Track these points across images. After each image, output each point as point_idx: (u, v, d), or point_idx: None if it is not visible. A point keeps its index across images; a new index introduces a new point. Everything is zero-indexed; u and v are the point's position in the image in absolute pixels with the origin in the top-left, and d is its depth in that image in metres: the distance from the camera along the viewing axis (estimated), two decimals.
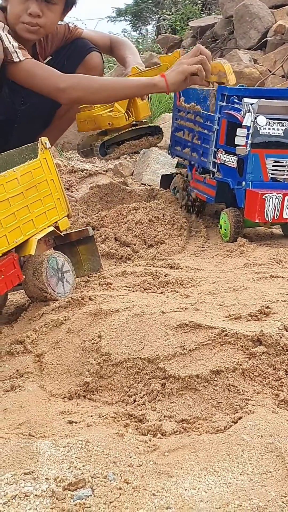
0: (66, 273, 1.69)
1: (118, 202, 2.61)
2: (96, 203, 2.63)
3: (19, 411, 1.25)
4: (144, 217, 2.25)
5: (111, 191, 2.70)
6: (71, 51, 2.80)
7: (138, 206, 2.32)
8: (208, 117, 2.36)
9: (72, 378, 1.38)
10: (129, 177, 3.52)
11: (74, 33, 2.80)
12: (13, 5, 2.41)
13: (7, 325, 1.65)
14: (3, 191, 1.53)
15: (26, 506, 0.91)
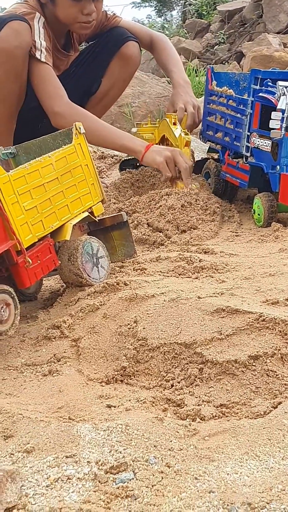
0: (101, 258, 1.69)
1: (150, 188, 2.60)
2: (128, 189, 2.62)
3: (58, 395, 1.25)
4: (176, 203, 2.23)
5: (142, 177, 2.68)
6: (108, 39, 2.79)
7: (170, 191, 2.30)
8: (241, 100, 2.34)
9: (109, 363, 1.38)
10: None
11: (111, 21, 2.79)
12: (65, 8, 2.45)
13: (43, 310, 1.65)
14: (39, 176, 1.54)
15: (69, 489, 0.91)
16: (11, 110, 2.51)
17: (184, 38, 8.83)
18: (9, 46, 2.33)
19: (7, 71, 2.37)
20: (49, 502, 0.88)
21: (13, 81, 2.42)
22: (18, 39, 2.34)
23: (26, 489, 0.91)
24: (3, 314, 1.39)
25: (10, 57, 2.36)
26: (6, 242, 1.41)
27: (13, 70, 2.38)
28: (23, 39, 2.35)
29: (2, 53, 2.35)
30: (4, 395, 1.26)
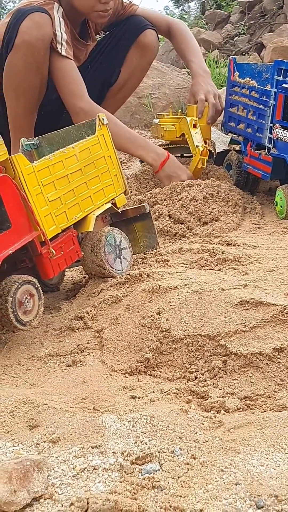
0: (124, 249, 1.69)
1: None
2: (149, 180, 2.61)
3: (82, 385, 1.26)
4: (198, 194, 2.23)
5: None
6: (125, 28, 2.77)
7: (192, 183, 2.29)
8: (264, 92, 2.32)
9: (132, 354, 1.38)
10: None
11: (128, 10, 2.78)
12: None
13: (66, 301, 1.66)
14: (62, 167, 1.54)
15: (95, 479, 0.92)
16: (32, 103, 2.51)
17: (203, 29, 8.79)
18: (30, 39, 2.33)
19: (29, 63, 2.37)
20: (75, 492, 0.88)
21: (34, 74, 2.42)
22: (40, 32, 2.34)
23: (53, 479, 0.92)
24: (27, 305, 1.39)
25: (31, 50, 2.36)
26: (30, 233, 1.42)
27: (34, 63, 2.37)
28: (45, 32, 2.35)
29: (24, 46, 2.34)
30: (28, 385, 1.27)
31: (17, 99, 2.46)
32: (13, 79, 2.41)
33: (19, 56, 2.35)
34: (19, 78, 2.39)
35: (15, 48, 2.35)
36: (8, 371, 1.33)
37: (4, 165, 1.39)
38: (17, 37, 2.33)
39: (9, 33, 2.37)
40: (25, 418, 1.09)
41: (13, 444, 1.02)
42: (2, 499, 0.83)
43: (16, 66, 2.38)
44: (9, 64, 2.39)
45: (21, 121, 2.50)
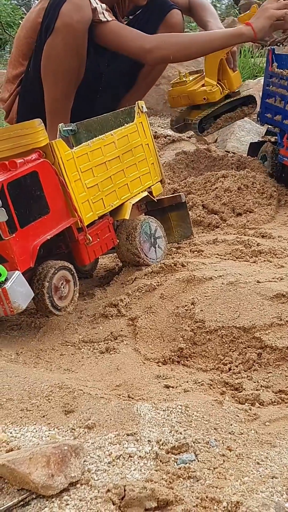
0: (159, 238, 1.68)
1: (204, 169, 2.58)
2: (182, 169, 2.60)
3: (116, 372, 1.26)
4: (233, 185, 2.21)
5: (197, 158, 2.67)
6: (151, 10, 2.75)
7: (226, 173, 2.28)
8: None
9: (165, 343, 1.38)
10: (213, 144, 3.47)
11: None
12: None
13: (99, 288, 1.66)
14: (101, 154, 1.54)
15: (130, 466, 0.92)
16: (70, 87, 2.50)
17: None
18: (70, 21, 2.32)
19: (69, 46, 2.36)
20: (111, 479, 0.88)
21: (74, 57, 2.41)
22: (80, 14, 2.33)
23: (88, 465, 0.92)
24: (63, 290, 1.40)
25: (71, 32, 2.35)
26: (68, 219, 1.42)
27: (74, 46, 2.37)
28: (85, 14, 2.34)
29: (63, 29, 2.34)
30: (62, 370, 1.28)
31: (55, 82, 2.46)
32: (52, 63, 2.41)
33: (59, 39, 2.35)
34: (59, 61, 2.39)
35: (56, 31, 2.34)
36: (42, 355, 1.34)
37: (44, 150, 1.39)
38: (57, 20, 2.33)
39: (49, 17, 2.36)
40: (60, 403, 1.09)
41: (48, 428, 1.03)
42: (40, 482, 0.83)
43: (56, 49, 2.37)
44: (48, 48, 2.39)
45: (58, 105, 2.50)
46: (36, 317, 1.50)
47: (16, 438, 1.00)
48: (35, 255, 1.32)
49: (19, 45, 2.55)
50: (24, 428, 1.02)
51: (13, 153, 1.39)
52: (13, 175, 1.29)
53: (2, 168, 1.30)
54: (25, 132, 1.37)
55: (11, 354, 1.31)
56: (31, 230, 1.33)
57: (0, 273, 1.24)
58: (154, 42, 2.39)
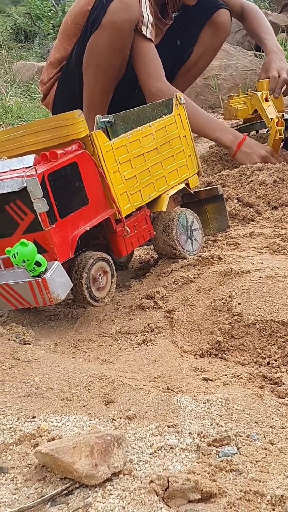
0: (195, 231, 1.68)
1: None
2: (216, 162, 2.59)
3: (153, 364, 1.26)
4: (268, 178, 2.19)
5: None
6: (199, 7, 2.74)
7: (262, 166, 2.26)
8: None
9: (202, 336, 1.38)
10: None
11: None
12: None
13: (135, 279, 1.66)
14: (139, 146, 1.53)
15: (172, 458, 0.92)
16: (110, 83, 2.51)
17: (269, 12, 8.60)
18: (118, 19, 2.32)
19: (113, 44, 2.37)
20: (154, 470, 0.88)
21: (117, 55, 2.41)
22: (128, 14, 2.33)
23: (130, 455, 0.92)
24: (100, 281, 1.40)
25: (117, 31, 2.35)
26: (106, 210, 1.42)
27: (118, 44, 2.37)
28: (133, 14, 2.34)
29: (110, 26, 2.34)
30: (100, 361, 1.28)
31: (96, 77, 2.46)
32: (94, 58, 2.41)
33: (104, 35, 2.35)
34: (101, 58, 2.40)
35: (101, 28, 2.35)
36: (80, 346, 1.34)
37: (83, 141, 1.39)
38: (104, 17, 2.33)
39: (96, 12, 2.37)
40: (100, 393, 1.10)
41: (89, 418, 1.03)
42: (84, 472, 0.84)
43: (99, 45, 2.38)
44: (92, 43, 2.39)
45: (97, 99, 2.51)
46: (73, 307, 1.50)
47: (57, 428, 1.00)
48: (74, 246, 1.33)
49: (66, 30, 2.56)
50: (65, 418, 1.03)
51: (53, 144, 1.40)
52: (54, 166, 1.29)
53: (43, 159, 1.31)
54: (65, 123, 1.38)
55: (49, 344, 1.32)
56: (71, 220, 1.33)
57: (40, 263, 1.25)
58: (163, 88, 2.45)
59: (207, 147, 2.79)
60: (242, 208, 2.13)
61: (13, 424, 1.01)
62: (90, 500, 0.82)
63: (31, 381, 1.13)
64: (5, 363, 1.18)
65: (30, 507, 0.83)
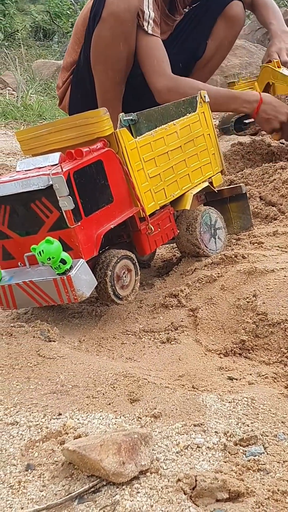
0: (219, 229, 1.67)
1: (261, 161, 2.55)
2: (238, 161, 2.58)
3: (178, 363, 1.26)
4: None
5: (253, 149, 2.64)
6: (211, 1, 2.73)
7: (285, 165, 2.25)
8: None
9: (226, 335, 1.37)
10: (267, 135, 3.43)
11: None
12: None
13: (158, 278, 1.66)
14: (163, 144, 1.53)
15: (199, 457, 0.92)
16: (120, 76, 2.50)
17: None
18: (117, 9, 2.32)
19: (116, 35, 2.36)
20: (181, 469, 0.88)
21: (122, 46, 2.40)
22: (126, 2, 2.32)
23: (157, 454, 0.92)
24: (124, 279, 1.40)
25: (119, 21, 2.34)
26: (130, 209, 1.42)
27: (122, 34, 2.36)
28: (131, 3, 2.33)
29: (111, 17, 2.34)
30: (124, 359, 1.28)
31: (105, 71, 2.46)
32: (101, 52, 2.41)
33: (106, 28, 2.35)
34: (107, 51, 2.39)
35: (102, 21, 2.34)
36: (104, 343, 1.35)
37: (108, 139, 1.40)
38: (104, 9, 2.33)
39: (96, 6, 2.37)
40: (125, 391, 1.10)
41: (115, 416, 1.03)
42: (111, 469, 0.84)
43: (103, 39, 2.37)
44: (96, 37, 2.39)
45: (110, 94, 2.51)
46: (96, 305, 1.51)
47: (83, 425, 1.01)
48: (99, 244, 1.33)
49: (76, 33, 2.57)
50: (90, 415, 1.03)
51: (78, 142, 1.40)
52: (79, 164, 1.30)
53: (68, 157, 1.31)
54: (90, 121, 1.38)
55: (74, 341, 1.33)
56: (95, 218, 1.33)
57: (65, 260, 1.25)
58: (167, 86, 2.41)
59: (229, 145, 2.77)
60: (265, 206, 2.12)
61: (39, 421, 1.02)
62: (118, 498, 0.82)
63: (57, 378, 1.13)
64: (30, 360, 1.18)
65: (57, 504, 0.83)
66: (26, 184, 1.25)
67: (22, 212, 1.32)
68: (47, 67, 6.73)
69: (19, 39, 8.09)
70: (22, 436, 0.98)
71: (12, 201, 1.32)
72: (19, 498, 0.86)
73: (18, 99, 5.13)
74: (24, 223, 1.33)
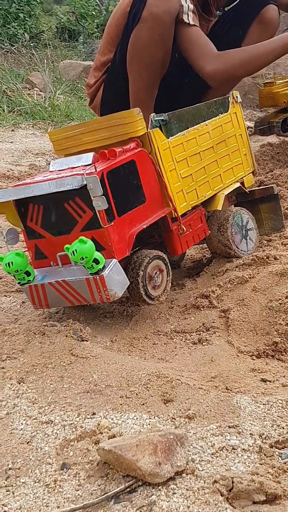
0: (250, 230, 1.66)
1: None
2: (268, 161, 2.56)
3: (210, 364, 1.25)
4: None
5: (283, 150, 2.62)
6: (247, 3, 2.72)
7: None
8: None
9: (258, 337, 1.36)
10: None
11: None
12: None
13: (189, 278, 1.66)
14: (196, 144, 1.53)
15: (234, 459, 0.91)
16: (155, 77, 2.50)
17: None
18: (158, 11, 2.31)
19: (154, 36, 2.36)
20: (216, 470, 0.88)
21: (159, 47, 2.40)
22: (167, 4, 2.32)
23: (192, 455, 0.92)
24: (156, 280, 1.40)
25: (158, 22, 2.34)
26: (163, 209, 1.42)
27: (160, 36, 2.36)
28: (172, 5, 2.33)
29: (150, 18, 2.33)
30: (156, 359, 1.28)
31: (140, 72, 2.46)
32: (137, 52, 2.41)
33: (145, 29, 2.34)
34: (144, 51, 2.39)
35: (142, 21, 2.34)
36: (135, 343, 1.34)
37: (141, 139, 1.39)
38: (144, 10, 2.33)
39: (136, 6, 2.37)
40: (159, 391, 1.10)
41: (149, 416, 1.03)
42: (148, 470, 0.84)
43: (141, 39, 2.37)
44: (134, 37, 2.39)
45: (142, 95, 2.50)
46: (127, 305, 1.51)
47: (117, 425, 1.01)
48: (131, 244, 1.33)
49: (109, 33, 2.57)
50: (124, 415, 1.03)
51: (110, 142, 1.40)
52: (112, 164, 1.30)
53: (102, 157, 1.31)
54: (123, 121, 1.38)
55: (105, 341, 1.33)
56: (128, 218, 1.33)
57: (98, 260, 1.25)
58: (215, 64, 2.38)
59: (258, 145, 2.76)
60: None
61: (74, 420, 1.02)
62: (154, 499, 0.82)
63: (90, 378, 1.13)
64: (63, 359, 1.19)
65: (94, 503, 0.83)
66: (60, 184, 1.25)
67: (55, 211, 1.32)
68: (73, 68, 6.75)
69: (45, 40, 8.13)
70: (57, 435, 0.98)
71: (45, 201, 1.32)
72: (55, 497, 0.86)
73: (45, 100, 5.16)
74: (57, 222, 1.33)
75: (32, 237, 1.38)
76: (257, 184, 2.25)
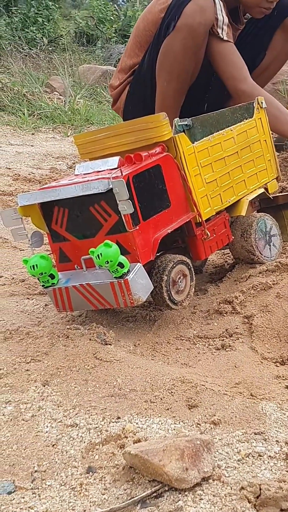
0: (274, 236, 1.65)
1: None
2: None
3: (234, 370, 1.25)
4: None
5: None
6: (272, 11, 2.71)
7: None
8: None
9: (282, 344, 1.35)
10: None
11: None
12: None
13: (211, 284, 1.65)
14: (220, 149, 1.52)
15: (260, 466, 0.91)
16: (183, 87, 2.50)
17: None
18: (193, 23, 2.32)
19: (187, 47, 2.36)
20: (243, 477, 0.87)
21: (191, 58, 2.41)
22: (203, 17, 2.32)
23: (218, 461, 0.91)
24: (180, 285, 1.39)
25: (192, 34, 2.35)
26: (187, 214, 1.42)
27: (193, 47, 2.37)
28: (208, 17, 2.33)
29: (185, 29, 2.34)
30: (180, 365, 1.28)
31: (169, 80, 2.46)
32: (168, 61, 2.41)
33: (179, 38, 2.35)
34: (175, 61, 2.39)
35: (176, 31, 2.35)
36: (158, 348, 1.34)
37: (167, 144, 1.39)
38: (179, 20, 2.33)
39: (171, 15, 2.37)
40: (183, 396, 1.09)
41: (174, 421, 1.03)
42: (174, 475, 0.83)
43: (174, 49, 2.38)
44: (167, 46, 2.39)
45: (169, 102, 2.51)
46: (150, 310, 1.51)
47: (142, 429, 1.00)
48: (156, 248, 1.33)
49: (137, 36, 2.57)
50: (149, 420, 1.03)
51: (136, 146, 1.40)
52: (138, 168, 1.30)
53: (127, 161, 1.31)
54: (149, 125, 1.38)
55: (129, 345, 1.33)
56: (153, 223, 1.33)
57: (123, 264, 1.25)
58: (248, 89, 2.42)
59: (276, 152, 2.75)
60: None
61: (99, 423, 1.02)
62: (181, 504, 0.82)
63: (114, 382, 1.13)
64: (87, 363, 1.19)
65: (120, 508, 0.83)
66: (86, 187, 1.25)
67: (81, 215, 1.33)
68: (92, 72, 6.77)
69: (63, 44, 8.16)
70: (82, 439, 0.98)
71: (70, 204, 1.33)
72: (81, 501, 0.86)
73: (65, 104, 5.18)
74: (82, 226, 1.34)
75: (56, 240, 1.38)
76: (279, 190, 2.24)
